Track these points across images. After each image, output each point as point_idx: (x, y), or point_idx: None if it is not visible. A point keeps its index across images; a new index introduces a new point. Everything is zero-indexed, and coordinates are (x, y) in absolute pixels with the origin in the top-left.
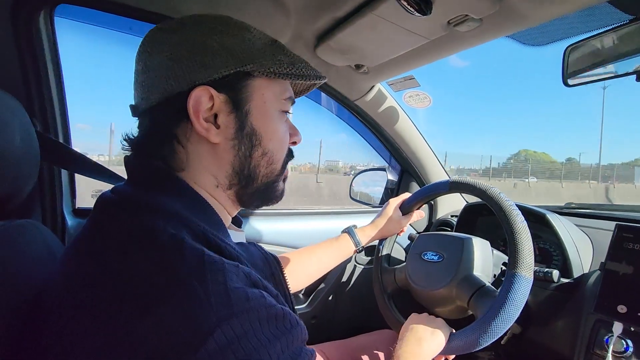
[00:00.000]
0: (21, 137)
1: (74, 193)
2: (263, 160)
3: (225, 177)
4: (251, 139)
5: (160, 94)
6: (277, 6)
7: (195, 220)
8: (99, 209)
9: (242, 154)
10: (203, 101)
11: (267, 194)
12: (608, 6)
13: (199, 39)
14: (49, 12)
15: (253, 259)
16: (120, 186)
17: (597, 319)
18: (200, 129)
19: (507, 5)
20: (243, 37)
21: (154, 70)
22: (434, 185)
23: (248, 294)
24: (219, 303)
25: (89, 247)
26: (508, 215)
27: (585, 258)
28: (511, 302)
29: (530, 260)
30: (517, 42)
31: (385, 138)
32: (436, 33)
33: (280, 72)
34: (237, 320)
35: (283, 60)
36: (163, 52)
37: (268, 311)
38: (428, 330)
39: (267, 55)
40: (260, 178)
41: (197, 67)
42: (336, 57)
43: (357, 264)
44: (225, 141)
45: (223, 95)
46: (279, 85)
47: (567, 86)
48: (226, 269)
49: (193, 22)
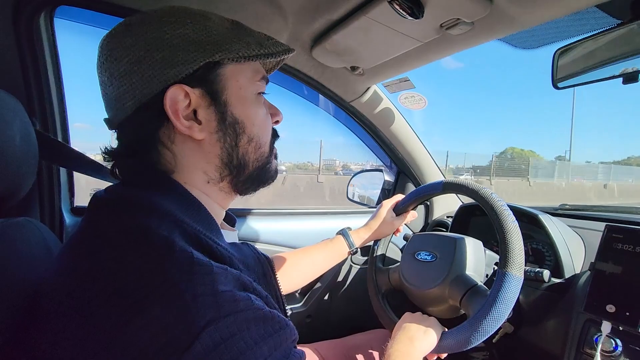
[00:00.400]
0: (21, 136)
1: (72, 191)
2: (250, 147)
3: (215, 171)
4: (235, 128)
5: (134, 101)
6: (274, 8)
7: (188, 221)
8: (92, 208)
9: (228, 144)
10: (179, 100)
11: (261, 176)
12: (596, 11)
13: (152, 34)
14: (49, 13)
15: (245, 259)
16: (115, 186)
17: (587, 318)
18: (183, 128)
19: (498, 9)
20: (204, 26)
21: (120, 78)
22: (427, 186)
23: (236, 297)
24: (206, 306)
25: (83, 246)
26: (499, 215)
27: (577, 258)
28: (501, 301)
29: (521, 260)
30: (509, 45)
31: (381, 139)
32: (429, 36)
33: (250, 54)
34: (224, 322)
35: (250, 41)
36: (123, 58)
37: (255, 313)
38: (420, 329)
39: (232, 40)
40: (251, 164)
41: (162, 65)
42: (332, 59)
43: (352, 264)
44: (210, 135)
45: (198, 90)
46: (250, 68)
47: (557, 88)
48: (214, 272)
49: (139, 20)
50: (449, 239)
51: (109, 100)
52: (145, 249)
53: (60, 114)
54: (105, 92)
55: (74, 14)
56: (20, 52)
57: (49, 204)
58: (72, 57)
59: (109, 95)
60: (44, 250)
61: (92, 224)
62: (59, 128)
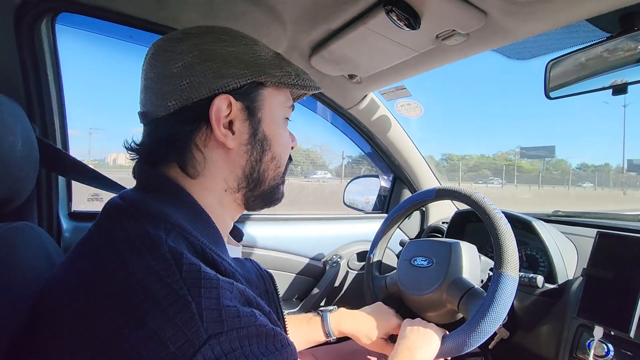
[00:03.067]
0: (23, 142)
1: (70, 196)
2: (272, 164)
3: (234, 181)
4: (262, 144)
5: (178, 101)
6: (274, 17)
7: (195, 234)
8: (105, 215)
9: (253, 158)
10: (223, 109)
11: (271, 196)
12: (587, 24)
13: (208, 47)
14: (50, 20)
15: (248, 275)
16: (128, 192)
17: (580, 323)
18: (220, 135)
19: (492, 22)
20: (252, 48)
21: (169, 78)
22: (421, 194)
23: (240, 312)
24: (210, 319)
25: (90, 253)
26: (492, 218)
27: (570, 264)
28: (498, 301)
29: (515, 260)
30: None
31: (378, 146)
32: (425, 46)
33: (288, 82)
34: (227, 337)
35: (290, 72)
36: (176, 61)
37: (258, 330)
38: (420, 338)
39: (275, 66)
40: (268, 181)
41: (213, 74)
42: (330, 67)
43: (349, 269)
44: (239, 146)
45: (239, 104)
46: (284, 94)
47: (549, 98)
48: (221, 285)
49: (198, 31)
50: (444, 243)
51: (151, 95)
52: (152, 260)
53: (60, 120)
54: (148, 87)
55: (75, 21)
56: (21, 58)
57: (47, 209)
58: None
59: (151, 91)
60: (43, 254)
61: (101, 231)
62: (59, 134)
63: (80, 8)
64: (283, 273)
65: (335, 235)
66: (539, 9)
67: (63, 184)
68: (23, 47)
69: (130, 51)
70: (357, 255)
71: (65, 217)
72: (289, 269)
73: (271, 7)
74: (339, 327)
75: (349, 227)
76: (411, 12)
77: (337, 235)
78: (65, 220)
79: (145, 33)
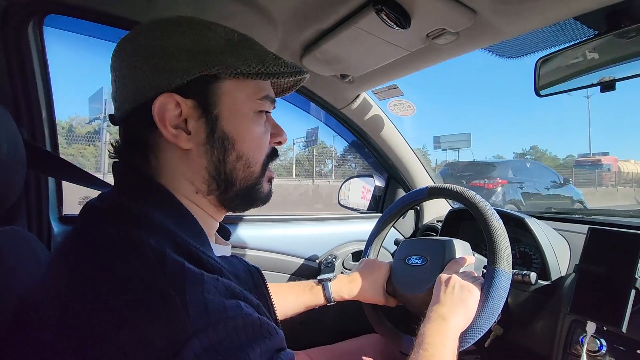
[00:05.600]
0: (8, 145)
1: (60, 200)
2: (239, 164)
3: (202, 183)
4: (223, 143)
5: (129, 103)
6: (264, 17)
7: (178, 233)
8: (84, 217)
9: (215, 158)
10: (169, 108)
11: (250, 197)
12: (574, 22)
13: (152, 42)
14: (38, 22)
15: (236, 271)
16: (107, 193)
17: (573, 319)
18: (168, 136)
19: (482, 20)
20: (203, 37)
21: (122, 80)
22: (413, 193)
23: (225, 305)
24: (196, 314)
25: (71, 255)
26: (484, 215)
27: (563, 261)
28: (493, 296)
29: (508, 256)
30: (493, 54)
31: (372, 145)
32: (416, 45)
33: (248, 72)
34: (213, 329)
35: (250, 58)
36: (123, 61)
37: (245, 320)
38: (454, 305)
39: (232, 54)
40: (239, 182)
41: (154, 72)
42: (322, 67)
43: (344, 269)
44: (197, 146)
45: (190, 101)
46: (251, 86)
47: (539, 96)
48: (205, 280)
49: (146, 27)
50: (438, 241)
51: (112, 98)
52: (134, 261)
53: (48, 122)
54: (112, 89)
55: (63, 22)
56: (8, 60)
57: (37, 213)
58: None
59: (113, 94)
60: (32, 259)
61: (82, 233)
62: (48, 137)
63: (68, 10)
64: (278, 274)
65: (329, 235)
66: (527, 8)
67: (53, 187)
68: (10, 50)
69: None
70: (352, 255)
71: (56, 221)
72: (284, 270)
73: (262, 8)
74: (340, 294)
75: (343, 227)
76: (401, 11)
77: (331, 235)
78: (56, 224)
79: None
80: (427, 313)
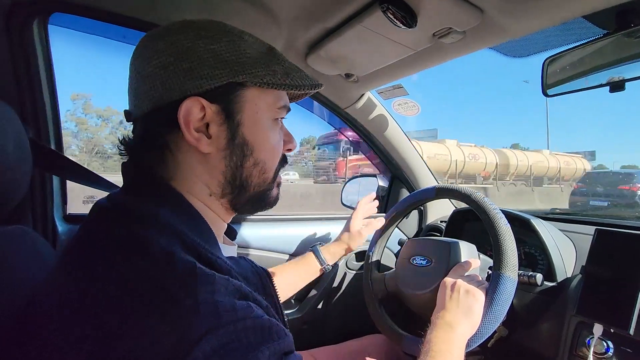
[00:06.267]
0: (14, 144)
1: (65, 199)
2: (255, 170)
3: (217, 186)
4: (243, 150)
5: (151, 102)
6: (270, 16)
7: (188, 233)
8: (92, 217)
9: (233, 164)
10: (194, 111)
11: (260, 201)
12: (583, 21)
13: (184, 44)
14: (42, 20)
15: (244, 272)
16: (116, 193)
17: (579, 321)
18: (191, 139)
19: (489, 19)
20: (235, 45)
21: (145, 78)
22: (421, 192)
23: (235, 306)
24: (206, 314)
25: (79, 256)
26: (492, 219)
27: (569, 262)
28: (497, 302)
29: (514, 261)
30: (500, 54)
31: (376, 145)
32: (422, 44)
33: (273, 82)
34: (224, 330)
35: (277, 70)
36: (152, 60)
37: (255, 322)
38: (461, 310)
39: (260, 65)
40: (253, 187)
41: (186, 75)
42: (326, 66)
43: (347, 269)
44: (217, 151)
45: (215, 106)
46: (272, 95)
47: (547, 96)
48: (217, 281)
49: (179, 27)
50: (444, 243)
51: (131, 94)
52: (142, 261)
53: (53, 121)
54: (130, 85)
55: (68, 21)
56: (13, 59)
57: (42, 212)
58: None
59: (132, 90)
60: (38, 258)
61: (89, 233)
62: (52, 136)
63: (72, 8)
64: None
65: (333, 235)
66: (534, 7)
67: (58, 187)
68: (15, 48)
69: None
70: (356, 255)
71: (61, 220)
72: None
73: (267, 6)
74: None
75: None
76: (408, 10)
77: (334, 235)
78: (61, 223)
79: (139, 33)
80: (433, 319)
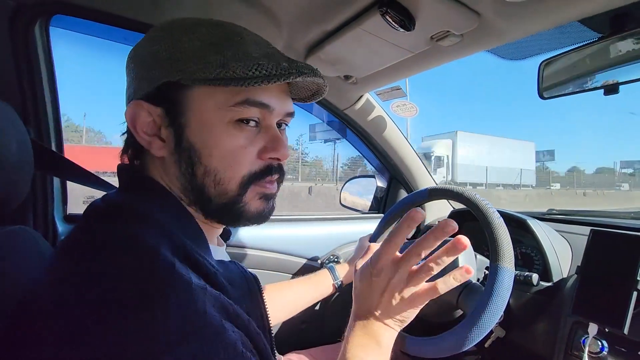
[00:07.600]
0: (17, 145)
1: (65, 199)
2: (207, 180)
3: (180, 192)
4: (189, 155)
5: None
6: (269, 19)
7: (177, 234)
8: (86, 216)
9: (184, 170)
10: (141, 115)
11: (232, 214)
12: (578, 25)
13: (140, 50)
14: (45, 22)
15: (231, 275)
16: (111, 194)
17: (575, 321)
18: (143, 142)
19: (486, 23)
20: (177, 42)
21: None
22: (414, 195)
23: (207, 321)
24: (175, 325)
25: (70, 253)
26: (485, 213)
27: (565, 262)
28: (497, 294)
29: (510, 252)
30: (497, 57)
31: (374, 146)
32: (420, 47)
33: (204, 77)
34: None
35: (211, 62)
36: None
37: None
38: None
39: (197, 58)
40: (213, 198)
41: (134, 79)
42: (326, 68)
43: None
44: (169, 155)
45: (159, 109)
46: (224, 92)
47: (543, 98)
48: (192, 289)
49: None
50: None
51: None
52: (127, 259)
53: (54, 123)
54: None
55: (69, 23)
56: (16, 61)
57: (42, 212)
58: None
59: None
60: (38, 258)
61: (82, 232)
62: (53, 137)
63: (74, 10)
64: (279, 274)
65: (331, 235)
66: (531, 10)
67: (58, 187)
68: (17, 50)
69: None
70: None
71: (61, 220)
72: (285, 270)
73: (266, 9)
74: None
75: (345, 227)
76: (406, 13)
77: (333, 236)
78: (61, 223)
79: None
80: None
